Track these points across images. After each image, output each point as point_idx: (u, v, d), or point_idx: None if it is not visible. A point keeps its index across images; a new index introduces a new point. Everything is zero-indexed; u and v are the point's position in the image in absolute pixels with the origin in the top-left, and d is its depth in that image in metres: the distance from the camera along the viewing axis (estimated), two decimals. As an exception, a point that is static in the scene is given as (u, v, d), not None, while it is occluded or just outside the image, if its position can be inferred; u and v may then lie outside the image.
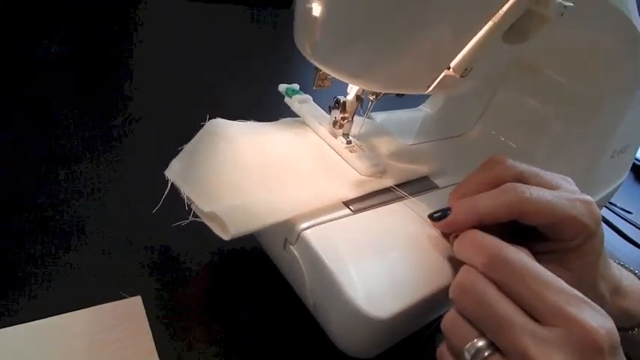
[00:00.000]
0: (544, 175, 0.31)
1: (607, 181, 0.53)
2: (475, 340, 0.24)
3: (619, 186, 0.57)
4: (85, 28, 0.71)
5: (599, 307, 0.24)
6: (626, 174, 0.57)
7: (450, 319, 0.26)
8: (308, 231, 0.30)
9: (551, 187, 0.30)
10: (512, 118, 0.49)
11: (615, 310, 0.33)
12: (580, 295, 0.24)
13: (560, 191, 0.30)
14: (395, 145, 0.42)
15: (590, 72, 0.44)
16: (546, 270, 0.25)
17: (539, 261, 0.26)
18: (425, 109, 0.54)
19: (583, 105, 0.46)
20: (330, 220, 0.31)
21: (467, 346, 0.25)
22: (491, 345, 0.24)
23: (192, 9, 0.87)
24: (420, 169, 0.39)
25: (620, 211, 0.70)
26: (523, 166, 0.31)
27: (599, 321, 0.23)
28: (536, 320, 0.23)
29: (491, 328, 0.24)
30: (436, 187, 0.39)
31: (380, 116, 0.48)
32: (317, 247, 0.29)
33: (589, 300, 0.24)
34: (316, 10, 0.26)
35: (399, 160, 0.39)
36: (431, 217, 0.31)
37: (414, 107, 0.54)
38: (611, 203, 0.69)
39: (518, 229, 0.30)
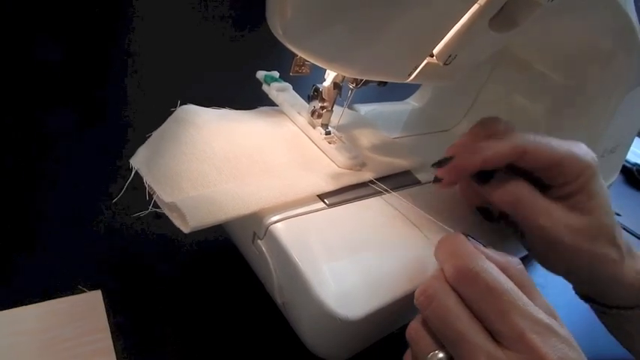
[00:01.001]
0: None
1: (596, 181, 0.52)
2: (436, 352, 0.24)
3: (609, 187, 0.56)
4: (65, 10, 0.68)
5: (567, 336, 0.23)
6: (616, 175, 0.56)
7: (415, 328, 0.25)
8: (277, 225, 0.28)
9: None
10: (500, 113, 0.47)
11: (634, 274, 0.31)
12: (549, 322, 0.23)
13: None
14: (377, 137, 0.40)
15: (583, 68, 0.42)
16: (520, 291, 0.23)
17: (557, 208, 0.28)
18: (412, 103, 0.52)
19: (573, 102, 0.44)
20: (302, 214, 0.29)
21: (428, 357, 0.24)
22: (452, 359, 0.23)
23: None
24: (402, 163, 0.37)
25: (610, 213, 0.68)
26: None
27: (561, 353, 0.21)
28: (498, 342, 0.22)
29: (450, 343, 0.23)
30: (418, 182, 0.37)
31: (364, 108, 0.46)
32: (286, 242, 0.27)
33: (558, 328, 0.23)
34: (287, -13, 0.24)
35: (381, 153, 0.38)
36: (434, 165, 0.32)
37: (401, 100, 0.52)
38: (600, 205, 0.68)
39: None
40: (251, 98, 0.40)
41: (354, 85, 0.33)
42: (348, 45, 0.25)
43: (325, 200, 0.31)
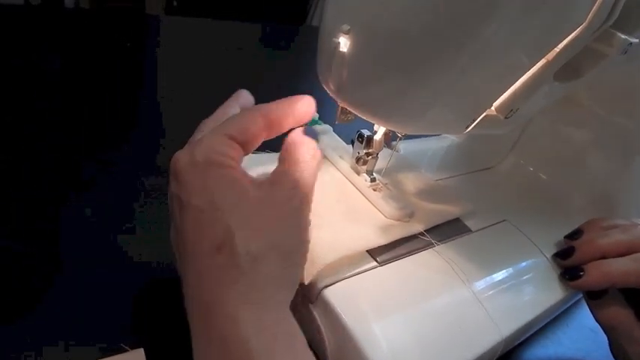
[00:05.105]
0: None
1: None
2: None
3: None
4: (97, 43, 0.69)
5: None
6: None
7: None
8: (329, 288, 0.27)
9: None
10: (547, 150, 0.46)
11: None
12: None
13: None
14: (421, 181, 0.38)
15: (630, 103, 0.40)
16: None
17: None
18: (450, 137, 0.50)
19: (624, 140, 0.42)
20: (354, 275, 0.28)
21: None
22: None
23: (207, 27, 0.85)
24: (452, 210, 0.36)
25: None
26: None
27: None
28: None
29: None
30: (469, 231, 0.35)
31: (401, 145, 0.44)
32: (338, 307, 0.26)
33: None
34: (343, 45, 0.23)
35: (428, 199, 0.36)
36: (564, 275, 0.35)
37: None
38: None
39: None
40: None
41: (403, 134, 0.32)
42: (407, 105, 0.24)
43: (377, 258, 0.30)
